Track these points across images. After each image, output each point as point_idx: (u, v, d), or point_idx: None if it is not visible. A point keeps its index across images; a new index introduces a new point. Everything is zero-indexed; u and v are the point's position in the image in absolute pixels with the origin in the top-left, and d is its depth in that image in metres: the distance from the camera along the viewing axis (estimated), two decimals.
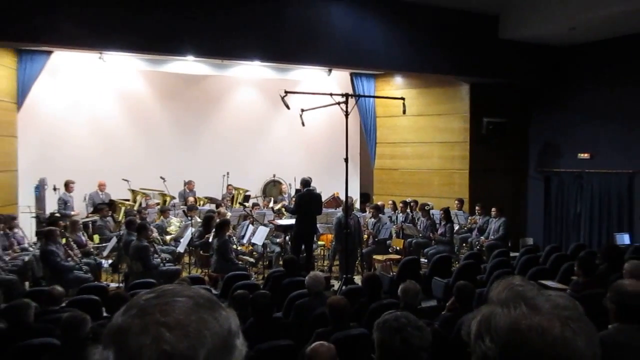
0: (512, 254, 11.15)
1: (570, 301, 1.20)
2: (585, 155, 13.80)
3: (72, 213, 12.43)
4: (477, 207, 13.51)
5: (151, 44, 11.18)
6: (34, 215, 12.56)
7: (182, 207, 13.37)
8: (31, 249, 10.93)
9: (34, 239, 11.81)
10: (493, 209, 12.87)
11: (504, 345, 1.13)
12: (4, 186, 12.06)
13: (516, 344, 1.13)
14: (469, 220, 13.62)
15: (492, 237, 12.54)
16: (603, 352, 1.17)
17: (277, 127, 15.93)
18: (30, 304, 5.86)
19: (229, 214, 12.31)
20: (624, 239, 12.18)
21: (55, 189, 12.81)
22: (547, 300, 1.18)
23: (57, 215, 11.87)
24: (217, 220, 11.14)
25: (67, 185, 12.81)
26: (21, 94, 12.37)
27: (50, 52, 12.33)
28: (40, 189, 12.80)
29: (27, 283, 9.90)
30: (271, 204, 14.35)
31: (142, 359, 0.97)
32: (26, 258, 10.23)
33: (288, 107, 10.39)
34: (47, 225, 10.75)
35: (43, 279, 9.75)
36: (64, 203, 12.63)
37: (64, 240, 10.20)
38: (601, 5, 11.21)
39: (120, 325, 1.03)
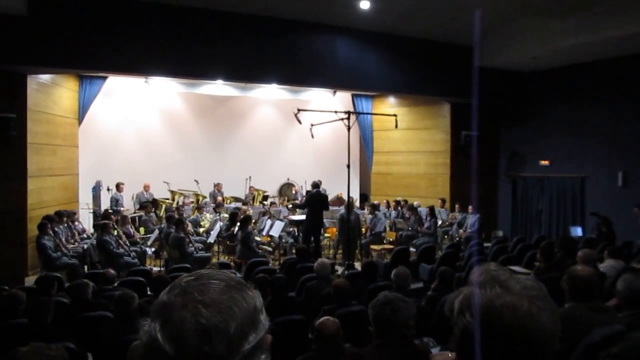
0: (485, 244, 11.11)
1: (536, 283, 1.20)
2: (546, 163, 13.79)
3: (122, 209, 12.46)
4: (456, 205, 13.48)
5: (188, 71, 11.26)
6: (91, 211, 12.62)
7: (212, 204, 13.40)
8: (89, 239, 10.97)
9: (92, 230, 11.85)
10: (470, 207, 12.85)
11: (481, 319, 1.13)
12: (67, 187, 12.11)
13: (491, 319, 1.13)
14: (449, 216, 13.58)
15: (469, 230, 12.49)
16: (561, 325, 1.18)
17: (290, 139, 15.93)
18: (89, 284, 5.89)
19: (250, 211, 12.32)
20: (577, 231, 12.16)
21: (108, 189, 12.83)
22: (517, 282, 1.18)
23: (110, 211, 11.92)
24: (241, 215, 11.16)
25: (118, 186, 12.83)
26: (82, 112, 12.43)
27: (105, 77, 12.40)
28: (96, 189, 12.85)
29: (86, 267, 9.95)
30: (285, 203, 14.37)
31: (184, 330, 0.98)
32: (85, 246, 10.28)
33: (300, 122, 10.40)
34: (102, 219, 10.79)
35: (99, 263, 9.79)
36: (115, 201, 12.65)
37: (116, 232, 10.24)
38: (556, 40, 11.28)
39: (165, 302, 1.03)
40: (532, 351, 1.13)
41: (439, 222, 12.97)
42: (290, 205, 13.56)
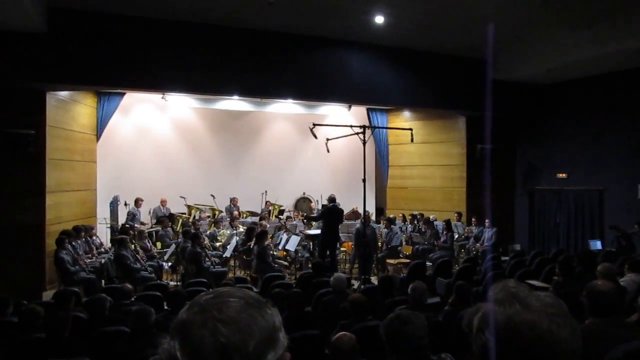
0: (502, 258, 11.00)
1: (556, 300, 1.18)
2: (563, 175, 13.66)
3: (137, 225, 12.48)
4: (473, 219, 13.40)
5: (205, 87, 11.40)
6: (108, 225, 12.70)
7: (228, 219, 13.42)
8: (106, 253, 11.04)
9: (109, 245, 11.92)
10: (486, 220, 12.75)
11: (500, 337, 1.12)
12: (85, 202, 12.23)
13: (510, 337, 1.11)
14: (466, 230, 13.49)
15: (486, 244, 12.38)
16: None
17: (306, 154, 15.95)
18: (106, 298, 5.92)
19: (267, 225, 12.34)
20: (596, 244, 11.99)
21: (126, 204, 12.93)
22: (536, 300, 1.16)
23: (127, 225, 11.98)
24: (259, 230, 11.18)
25: (136, 202, 12.92)
26: (100, 127, 12.59)
27: (123, 94, 12.55)
28: (114, 204, 12.93)
29: (103, 281, 10.00)
30: (300, 216, 14.38)
31: (202, 348, 0.98)
32: (103, 261, 10.34)
33: (315, 137, 10.43)
34: (119, 234, 10.86)
35: (116, 278, 9.81)
36: (132, 216, 12.73)
37: (133, 247, 10.29)
38: (571, 52, 11.25)
39: (184, 320, 1.03)
40: None
41: (455, 236, 12.87)
42: (304, 216, 13.55)
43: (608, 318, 3.45)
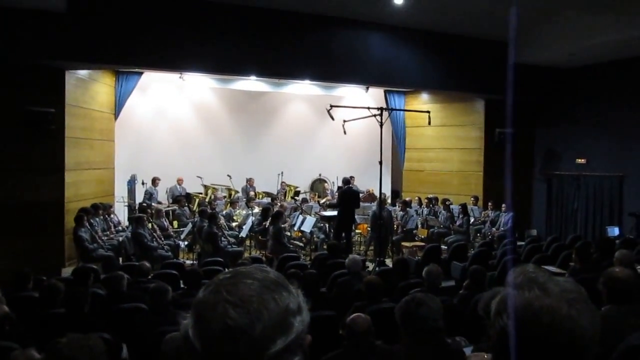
0: (518, 243, 10.96)
1: (575, 286, 1.18)
2: (582, 161, 13.48)
3: (154, 204, 12.58)
4: (489, 203, 13.31)
5: (222, 67, 11.37)
6: (126, 204, 12.82)
7: (243, 199, 13.49)
8: (124, 231, 11.16)
9: (127, 223, 12.04)
10: (503, 205, 12.68)
11: (519, 322, 1.12)
12: (103, 180, 12.32)
13: (529, 321, 1.11)
14: (482, 214, 13.42)
15: (502, 228, 12.32)
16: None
17: (323, 135, 15.91)
18: (124, 276, 6.00)
19: (286, 206, 12.40)
20: (615, 231, 11.89)
21: (143, 183, 13.04)
22: (556, 285, 1.16)
23: (145, 204, 12.08)
24: (274, 210, 11.24)
25: (154, 181, 13.01)
26: (118, 107, 12.59)
27: (141, 73, 12.54)
28: (131, 183, 13.03)
29: (120, 259, 10.12)
30: (317, 198, 14.40)
31: (210, 329, 0.99)
32: (120, 239, 10.45)
33: (332, 118, 10.41)
34: (137, 213, 10.97)
35: (134, 255, 9.94)
36: (149, 195, 12.82)
37: (150, 225, 10.39)
38: (595, 35, 11.04)
39: (201, 298, 1.04)
40: (570, 355, 1.11)
41: (472, 220, 12.79)
42: (323, 202, 13.57)
43: (625, 305, 3.44)
